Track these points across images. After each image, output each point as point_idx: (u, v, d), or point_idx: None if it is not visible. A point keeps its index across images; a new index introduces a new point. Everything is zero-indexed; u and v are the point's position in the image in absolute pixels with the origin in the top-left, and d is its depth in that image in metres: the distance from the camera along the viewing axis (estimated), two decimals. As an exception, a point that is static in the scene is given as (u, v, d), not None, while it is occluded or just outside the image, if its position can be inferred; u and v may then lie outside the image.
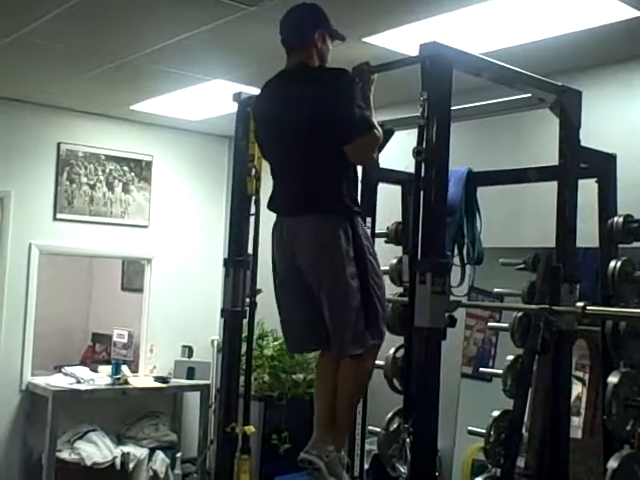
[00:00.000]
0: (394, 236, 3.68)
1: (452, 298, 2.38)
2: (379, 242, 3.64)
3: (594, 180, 3.04)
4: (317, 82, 2.67)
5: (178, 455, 5.93)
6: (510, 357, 3.12)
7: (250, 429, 3.08)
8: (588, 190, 2.96)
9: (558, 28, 3.53)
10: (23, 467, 5.55)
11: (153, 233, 6.22)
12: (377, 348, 2.70)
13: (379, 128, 2.68)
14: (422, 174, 2.35)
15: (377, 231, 3.61)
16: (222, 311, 3.18)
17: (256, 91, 3.37)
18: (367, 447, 3.45)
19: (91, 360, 6.65)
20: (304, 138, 2.65)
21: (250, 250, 3.14)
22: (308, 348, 3.00)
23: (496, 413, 2.97)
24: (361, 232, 2.66)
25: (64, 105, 5.63)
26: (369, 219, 3.46)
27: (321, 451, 2.69)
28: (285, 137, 2.73)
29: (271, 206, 2.83)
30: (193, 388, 6.09)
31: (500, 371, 3.15)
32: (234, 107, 3.23)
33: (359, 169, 2.84)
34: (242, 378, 3.21)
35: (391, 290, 3.62)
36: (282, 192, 2.79)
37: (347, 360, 2.68)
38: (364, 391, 2.86)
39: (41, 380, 5.55)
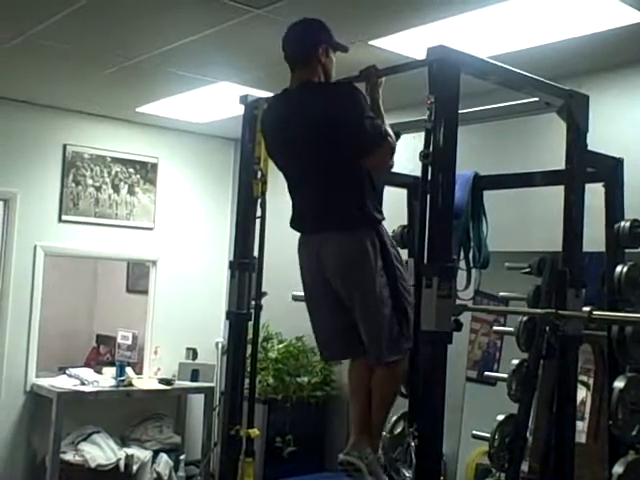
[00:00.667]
0: (400, 239, 3.68)
1: (458, 302, 2.39)
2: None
3: (601, 184, 3.04)
4: (325, 99, 2.69)
5: (182, 457, 5.93)
6: (515, 361, 3.12)
7: (254, 432, 3.08)
8: (595, 194, 2.96)
9: (565, 32, 3.53)
10: (27, 468, 5.55)
11: (158, 235, 6.23)
12: (409, 351, 2.71)
13: (391, 132, 2.70)
14: (429, 177, 2.35)
15: (383, 234, 3.61)
16: (227, 313, 3.19)
17: (263, 94, 3.38)
18: (371, 451, 3.44)
19: (95, 362, 6.65)
20: (318, 156, 2.68)
21: (256, 253, 3.14)
22: (342, 357, 3.02)
23: (501, 417, 2.97)
24: (387, 241, 2.70)
25: (70, 107, 5.64)
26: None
27: (361, 453, 2.75)
28: (299, 156, 2.75)
29: (294, 225, 2.84)
30: (197, 390, 6.09)
31: (505, 375, 3.15)
32: (240, 110, 3.23)
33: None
34: (246, 381, 3.21)
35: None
36: (303, 210, 2.81)
37: (381, 366, 2.71)
38: (398, 394, 2.90)
39: (45, 381, 5.55)
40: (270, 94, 3.10)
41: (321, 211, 2.74)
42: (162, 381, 5.94)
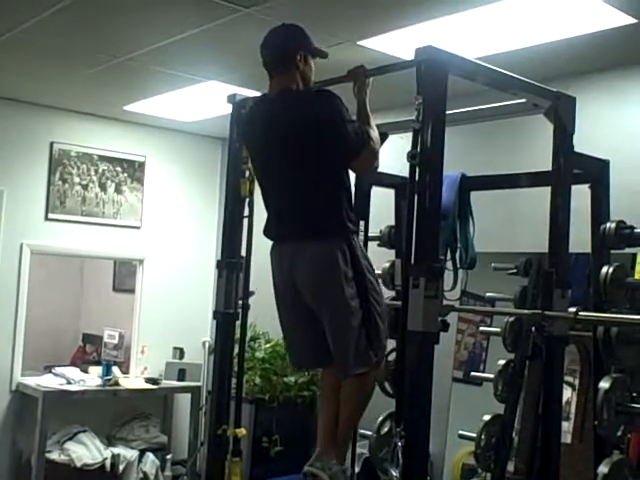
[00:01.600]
0: (387, 239, 3.69)
1: (445, 302, 2.39)
2: (372, 245, 3.65)
3: (587, 186, 3.06)
4: (303, 106, 2.68)
5: (168, 457, 5.91)
6: (501, 362, 3.13)
7: (241, 431, 3.08)
8: (581, 196, 2.97)
9: (553, 34, 3.55)
10: (12, 468, 5.52)
11: (145, 234, 6.21)
12: (379, 363, 2.72)
13: (376, 133, 2.70)
14: (416, 178, 2.36)
15: (370, 234, 3.61)
16: (214, 313, 3.18)
17: (250, 93, 3.38)
18: (358, 450, 3.45)
19: (81, 361, 6.62)
20: (295, 164, 2.68)
21: (243, 252, 3.14)
22: (310, 365, 3.04)
23: (487, 417, 2.98)
24: (359, 253, 2.69)
25: (57, 105, 5.62)
26: (362, 222, 3.46)
27: (325, 464, 2.72)
28: (275, 164, 2.75)
29: (268, 233, 2.84)
30: (184, 390, 6.07)
31: (491, 375, 3.16)
32: (228, 109, 3.23)
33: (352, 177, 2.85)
34: (233, 380, 3.21)
35: (383, 294, 3.62)
36: (277, 220, 2.81)
37: (349, 377, 2.71)
38: (366, 405, 2.91)
39: (31, 380, 5.53)
40: (258, 93, 3.10)
41: (295, 220, 2.74)
42: (149, 380, 5.93)
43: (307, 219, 2.71)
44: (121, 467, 5.61)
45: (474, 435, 2.95)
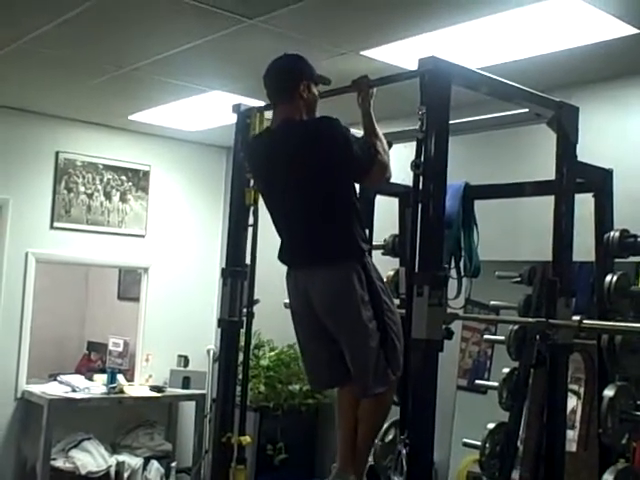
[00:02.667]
0: (391, 248, 3.70)
1: (449, 310, 2.40)
2: (376, 254, 3.66)
3: (591, 195, 3.06)
4: (307, 135, 2.70)
5: (173, 465, 5.91)
6: (506, 370, 3.14)
7: (245, 439, 3.08)
8: (585, 204, 2.98)
9: (555, 44, 3.56)
10: (17, 475, 5.53)
11: (150, 242, 6.23)
12: (396, 382, 2.73)
13: (384, 144, 2.72)
14: (420, 187, 2.37)
15: (374, 243, 3.62)
16: (219, 321, 3.19)
17: (255, 103, 3.40)
18: (363, 458, 3.45)
19: (86, 369, 6.63)
20: (303, 193, 2.70)
21: (248, 260, 3.15)
22: (331, 386, 3.02)
23: (491, 425, 2.99)
24: (373, 274, 2.71)
25: (63, 114, 5.64)
26: (367, 231, 3.48)
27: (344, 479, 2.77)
28: (283, 195, 2.77)
29: (282, 258, 2.86)
30: (188, 398, 6.08)
31: (496, 384, 3.17)
32: (232, 118, 3.25)
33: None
34: (238, 388, 3.22)
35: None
36: (290, 247, 2.83)
37: (368, 397, 2.73)
38: (384, 422, 2.93)
39: (36, 388, 5.54)
40: (262, 103, 3.12)
41: (307, 246, 2.76)
42: (153, 388, 5.93)
43: (319, 245, 2.72)
44: (126, 475, 5.62)
45: (479, 443, 2.96)
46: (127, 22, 3.60)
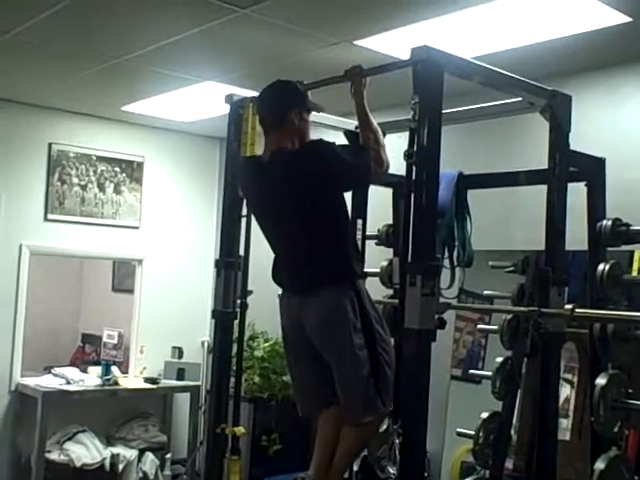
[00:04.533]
0: (385, 238, 3.70)
1: (442, 300, 2.40)
2: (370, 244, 3.66)
3: (583, 184, 3.07)
4: (297, 163, 2.70)
5: (168, 456, 5.92)
6: (499, 359, 3.14)
7: (240, 430, 3.09)
8: (577, 193, 2.99)
9: (548, 33, 3.56)
10: (12, 468, 5.52)
11: (144, 234, 6.21)
12: (386, 413, 2.73)
13: (378, 132, 2.72)
14: (413, 177, 2.37)
15: (368, 233, 3.62)
16: (213, 312, 3.20)
17: (248, 93, 3.39)
18: (357, 448, 3.46)
19: (81, 361, 6.63)
20: (299, 221, 2.71)
21: (242, 251, 3.15)
22: (317, 411, 2.93)
23: (485, 415, 2.99)
24: (367, 302, 2.71)
25: (55, 105, 5.62)
26: (360, 221, 3.48)
27: None
28: (279, 225, 2.79)
29: (275, 279, 2.87)
30: (183, 389, 6.08)
31: (489, 373, 3.17)
32: (226, 109, 3.25)
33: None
34: (232, 379, 3.22)
35: (381, 292, 3.64)
36: (285, 269, 2.84)
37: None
38: (364, 447, 2.93)
39: (30, 381, 5.53)
40: (255, 93, 3.11)
41: (301, 271, 2.76)
42: (148, 380, 5.94)
43: (313, 270, 2.73)
44: (120, 467, 5.61)
45: (472, 433, 2.96)
46: (119, 13, 3.59)
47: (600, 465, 2.73)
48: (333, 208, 2.72)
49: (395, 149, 2.73)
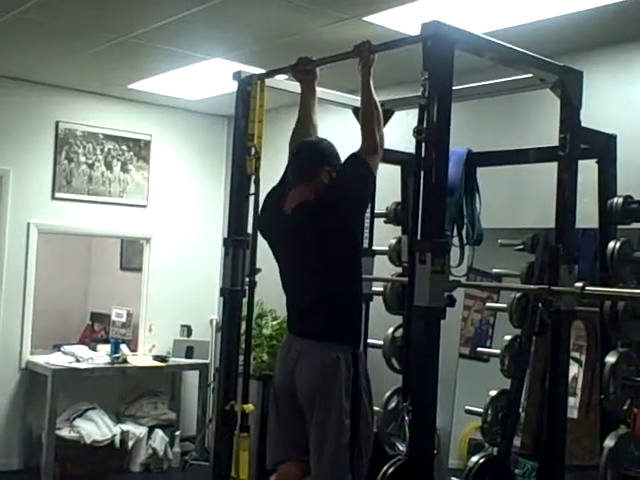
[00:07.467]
0: (393, 216, 3.69)
1: (451, 278, 2.39)
2: (378, 222, 3.65)
3: (594, 161, 3.04)
4: (318, 216, 2.78)
5: (177, 433, 5.97)
6: (508, 337, 3.14)
7: (249, 407, 3.10)
8: (588, 170, 2.96)
9: (559, 8, 3.51)
10: (23, 445, 5.58)
11: (152, 212, 6.21)
12: None
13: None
14: (422, 154, 2.35)
15: (376, 211, 3.61)
16: (221, 290, 3.20)
17: (256, 70, 3.36)
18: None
19: (90, 339, 6.66)
20: (315, 270, 2.80)
21: (249, 230, 3.14)
22: (282, 460, 2.96)
23: (493, 393, 3.00)
24: (361, 371, 2.76)
25: (62, 84, 5.60)
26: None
27: None
28: (296, 272, 2.89)
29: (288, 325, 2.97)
30: (192, 367, 6.11)
31: (498, 351, 3.17)
32: (233, 86, 3.22)
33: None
34: (241, 357, 3.23)
35: (390, 270, 3.63)
36: (296, 311, 2.91)
37: None
38: None
39: (40, 359, 5.57)
40: (263, 70, 3.09)
41: (311, 314, 2.82)
42: (157, 358, 5.96)
43: (322, 317, 2.78)
44: (130, 443, 5.66)
45: (481, 410, 2.97)
46: (125, -11, 3.56)
47: (609, 442, 2.74)
48: (350, 246, 2.81)
49: (404, 127, 2.71)
